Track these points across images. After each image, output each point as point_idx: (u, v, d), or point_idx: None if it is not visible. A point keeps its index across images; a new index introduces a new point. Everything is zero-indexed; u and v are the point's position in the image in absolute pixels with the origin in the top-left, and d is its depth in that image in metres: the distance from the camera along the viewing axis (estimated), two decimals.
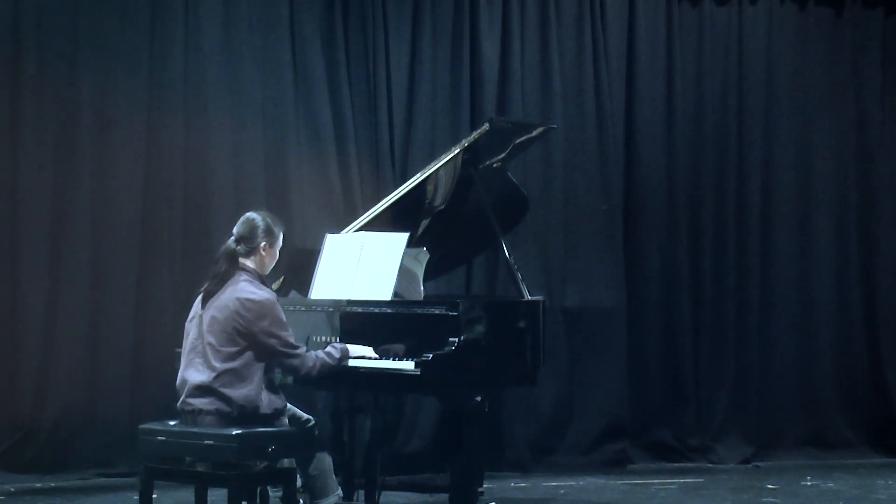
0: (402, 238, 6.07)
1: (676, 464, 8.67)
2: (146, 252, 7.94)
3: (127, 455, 7.51)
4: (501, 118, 7.99)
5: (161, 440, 5.50)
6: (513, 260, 6.35)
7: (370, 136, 8.29)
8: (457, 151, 6.42)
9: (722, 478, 8.21)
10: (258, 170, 8.12)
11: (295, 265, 6.44)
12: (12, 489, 7.40)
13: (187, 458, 5.52)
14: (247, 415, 5.41)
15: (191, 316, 5.66)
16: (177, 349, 5.82)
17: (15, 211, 7.76)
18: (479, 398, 5.88)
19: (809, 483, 8.02)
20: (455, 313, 5.80)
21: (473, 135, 6.42)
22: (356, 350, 5.79)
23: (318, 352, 5.66)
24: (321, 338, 6.02)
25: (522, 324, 6.13)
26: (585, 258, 8.64)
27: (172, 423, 5.57)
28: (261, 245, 5.62)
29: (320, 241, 6.33)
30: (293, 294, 6.41)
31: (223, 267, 5.59)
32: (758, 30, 9.07)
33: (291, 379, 5.78)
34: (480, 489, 6.82)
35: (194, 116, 8.01)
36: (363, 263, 6.10)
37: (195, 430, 5.41)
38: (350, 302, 6.07)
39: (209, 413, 5.43)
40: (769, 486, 7.88)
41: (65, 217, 7.82)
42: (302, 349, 5.59)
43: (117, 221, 7.89)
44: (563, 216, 8.62)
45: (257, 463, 5.43)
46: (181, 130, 7.99)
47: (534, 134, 6.92)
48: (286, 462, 5.57)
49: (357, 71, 8.30)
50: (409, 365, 5.69)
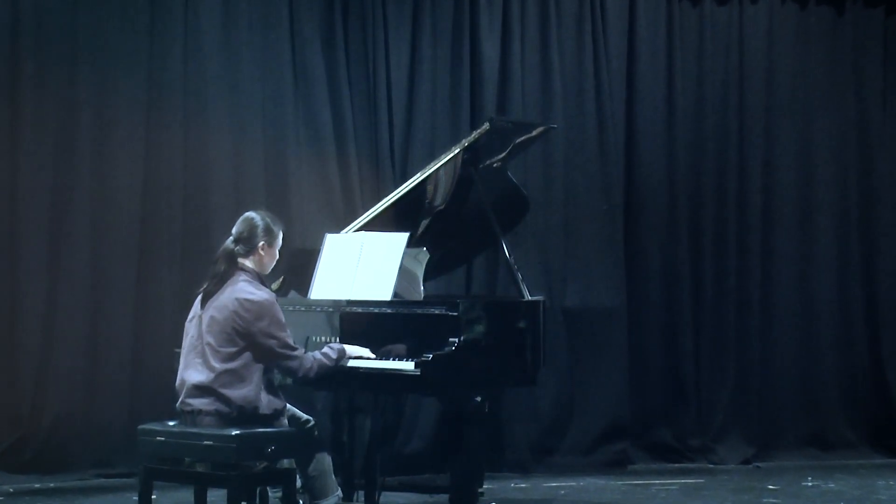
0: (402, 238, 6.06)
1: (677, 464, 8.65)
2: (145, 252, 7.93)
3: (126, 455, 7.49)
4: (501, 118, 7.97)
5: (160, 441, 5.49)
6: (513, 260, 6.35)
7: (370, 136, 8.28)
8: (457, 151, 6.42)
9: (723, 478, 8.20)
10: (258, 170, 8.11)
11: (294, 265, 6.43)
12: (11, 490, 7.39)
13: (186, 459, 5.52)
14: (246, 415, 5.41)
15: (190, 316, 5.65)
16: (176, 349, 5.81)
17: (14, 211, 7.74)
18: (480, 398, 5.88)
19: (810, 483, 8.00)
20: (455, 313, 5.79)
21: (473, 134, 6.41)
22: (353, 350, 5.78)
23: (316, 353, 5.64)
24: (321, 338, 6.01)
25: (522, 324, 6.12)
26: (586, 258, 8.63)
27: (172, 424, 5.57)
28: (259, 244, 5.61)
29: (320, 241, 6.32)
30: (293, 294, 6.40)
31: (222, 267, 5.58)
32: (758, 29, 9.06)
33: (290, 380, 5.76)
34: (480, 490, 6.81)
35: (194, 116, 8.00)
36: (363, 263, 6.09)
37: (194, 431, 5.41)
38: (350, 302, 6.06)
39: (208, 413, 5.42)
40: (770, 487, 7.86)
41: (64, 217, 7.81)
42: (300, 350, 5.58)
43: (117, 221, 7.88)
44: (564, 216, 8.61)
45: (257, 463, 5.42)
46: (181, 130, 7.98)
47: (534, 134, 6.92)
48: (286, 462, 5.57)
49: (357, 71, 8.29)
50: (409, 365, 5.68)
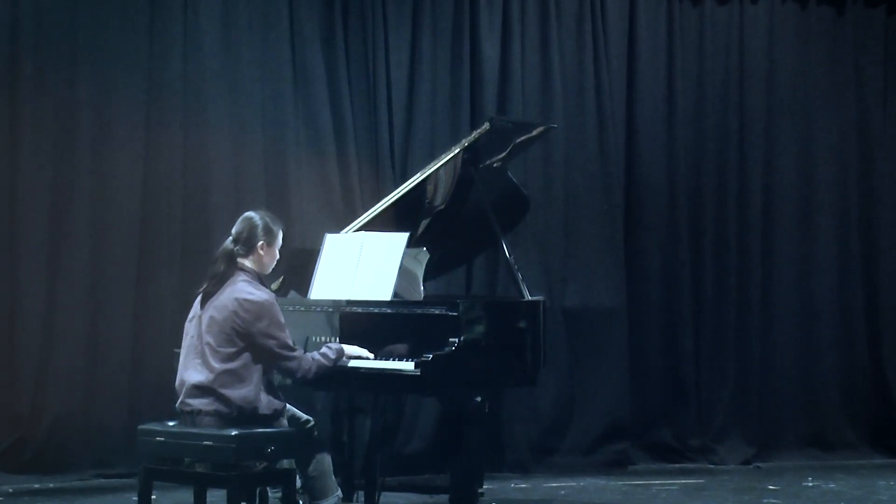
0: (402, 238, 6.05)
1: (677, 464, 8.64)
2: (145, 252, 7.92)
3: (126, 456, 7.49)
4: (502, 118, 7.96)
5: (160, 441, 5.48)
6: (513, 260, 6.33)
7: (370, 136, 8.27)
8: (457, 151, 6.40)
9: (723, 479, 8.19)
10: (258, 170, 8.10)
11: (294, 265, 6.42)
12: (11, 490, 7.38)
13: (186, 459, 5.51)
14: (245, 415, 5.40)
15: (190, 316, 5.64)
16: (175, 349, 5.80)
17: (14, 211, 7.74)
18: (480, 399, 5.87)
19: (811, 484, 8.00)
20: (455, 313, 5.78)
21: (473, 134, 6.39)
22: (352, 350, 5.77)
23: (315, 353, 5.63)
24: (320, 338, 5.99)
25: (523, 324, 6.11)
26: (586, 258, 8.62)
27: (171, 424, 5.56)
28: (259, 244, 5.60)
29: (320, 241, 6.31)
30: (292, 294, 6.38)
31: (221, 267, 5.57)
32: (759, 29, 9.05)
33: (290, 381, 5.75)
34: (480, 490, 6.80)
35: (193, 116, 7.99)
36: (363, 263, 6.08)
37: (194, 431, 5.40)
38: (350, 302, 6.05)
39: (208, 414, 5.41)
40: (770, 487, 7.86)
41: (64, 217, 7.80)
42: (299, 351, 5.57)
43: (116, 221, 7.87)
44: (564, 216, 8.60)
45: (256, 464, 5.41)
46: (180, 130, 7.97)
47: (534, 133, 6.90)
48: (285, 463, 5.56)
49: (357, 71, 8.28)
50: (409, 365, 5.67)
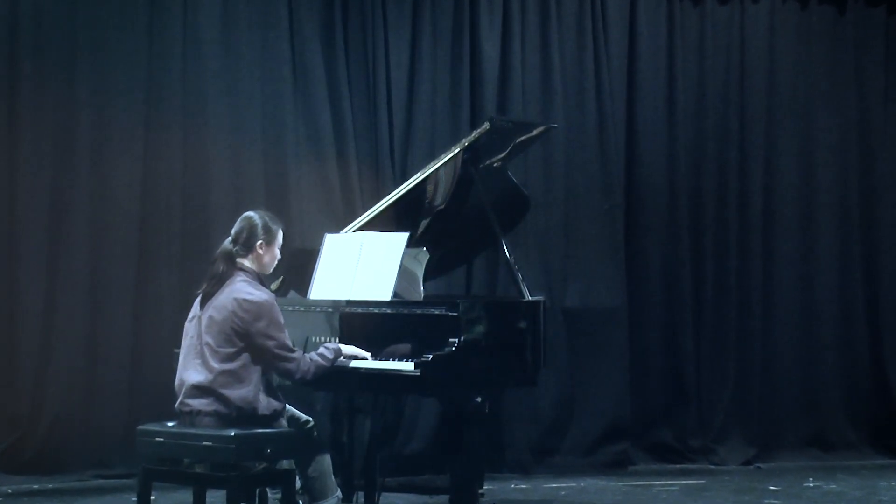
0: (402, 238, 6.04)
1: (678, 465, 8.62)
2: (144, 253, 7.90)
3: (125, 456, 7.49)
4: (502, 117, 7.95)
5: (159, 441, 5.47)
6: (513, 260, 6.32)
7: (370, 136, 8.25)
8: (457, 151, 6.40)
9: (724, 479, 8.18)
10: (257, 169, 8.09)
11: (294, 265, 6.41)
12: (10, 490, 7.36)
13: (185, 460, 5.50)
14: (245, 416, 5.38)
15: (190, 316, 5.63)
16: (175, 350, 5.79)
17: (13, 211, 7.72)
18: (480, 399, 5.86)
19: (812, 484, 7.98)
20: (455, 314, 5.77)
21: (474, 134, 6.39)
22: (349, 350, 5.76)
23: (312, 354, 5.61)
24: (320, 338, 5.98)
25: (523, 324, 6.10)
26: (586, 258, 8.61)
27: (171, 425, 5.54)
28: (258, 244, 5.58)
29: (319, 241, 6.30)
30: (292, 294, 6.38)
31: (221, 267, 5.56)
32: (759, 28, 9.03)
33: (289, 382, 5.73)
34: (481, 490, 6.80)
35: (193, 116, 7.98)
36: (363, 263, 6.07)
37: (193, 432, 5.39)
38: (349, 302, 6.04)
39: (207, 414, 5.40)
40: (771, 488, 7.84)
41: (63, 217, 7.78)
42: (298, 352, 5.55)
43: (116, 221, 7.86)
44: (564, 216, 8.59)
45: (256, 464, 5.40)
46: (180, 130, 7.95)
47: (534, 133, 6.89)
48: (285, 463, 5.54)
49: (356, 70, 8.27)
50: (409, 366, 5.66)
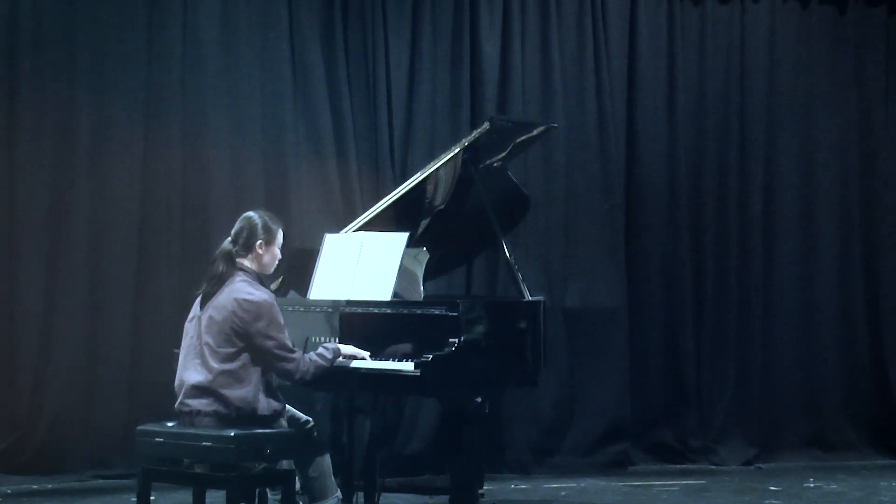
0: (402, 238, 6.03)
1: (678, 465, 8.61)
2: (144, 253, 7.90)
3: (124, 456, 7.49)
4: (502, 117, 7.94)
5: (159, 441, 5.46)
6: (513, 260, 6.32)
7: (370, 136, 8.24)
8: (457, 151, 6.39)
9: (724, 479, 8.17)
10: (257, 169, 8.08)
11: (294, 265, 6.40)
12: (9, 491, 7.36)
13: (185, 460, 5.49)
14: (244, 416, 5.37)
15: (190, 316, 5.62)
16: (175, 350, 5.78)
17: (13, 211, 7.72)
18: (480, 399, 5.85)
19: (812, 485, 7.97)
20: (455, 314, 5.76)
21: (474, 134, 6.38)
22: (347, 350, 5.75)
23: (311, 354, 5.60)
24: (320, 338, 5.98)
25: (523, 324, 6.09)
26: (586, 258, 8.60)
27: (170, 425, 5.53)
28: (258, 243, 5.57)
29: (319, 241, 6.29)
30: (292, 294, 6.37)
31: (220, 267, 5.55)
32: (760, 28, 9.02)
33: (288, 382, 5.72)
34: (480, 491, 6.80)
35: (193, 116, 7.97)
36: (363, 263, 6.06)
37: (193, 432, 5.38)
38: (349, 302, 6.03)
39: (207, 414, 5.39)
40: (771, 488, 7.83)
41: (62, 217, 7.78)
42: (298, 353, 5.54)
43: (115, 221, 7.86)
44: (564, 216, 8.58)
45: (256, 465, 5.39)
46: (179, 130, 7.95)
47: (534, 133, 6.89)
48: (285, 464, 5.53)
49: (356, 70, 8.26)
50: (409, 366, 5.66)
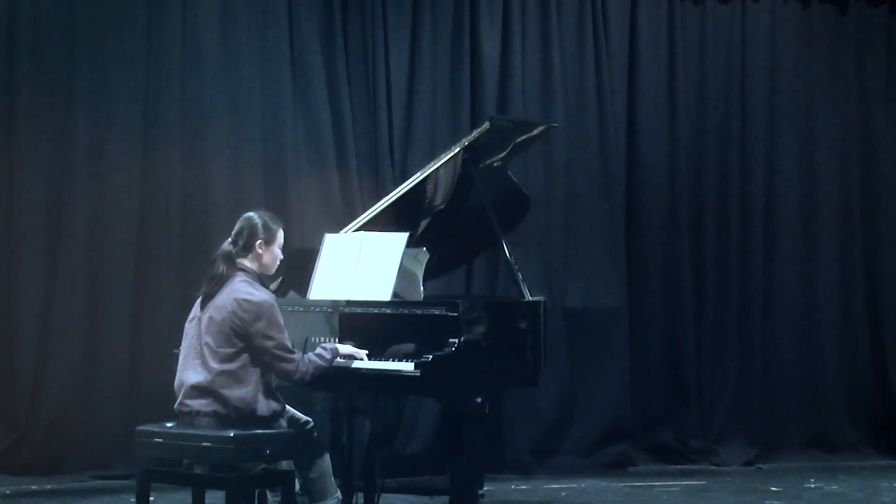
0: (402, 238, 6.02)
1: (678, 466, 8.61)
2: (143, 253, 7.89)
3: (123, 457, 7.48)
4: (502, 117, 7.94)
5: (158, 442, 5.45)
6: (513, 260, 6.31)
7: (370, 136, 8.23)
8: (457, 150, 6.38)
9: (725, 480, 8.16)
10: (256, 169, 8.06)
11: (293, 265, 6.39)
12: (7, 491, 7.35)
13: (184, 461, 5.48)
14: (243, 417, 5.36)
15: (190, 317, 5.62)
16: (175, 350, 5.77)
17: (11, 211, 7.71)
18: (480, 399, 5.84)
19: (813, 485, 7.96)
20: (455, 314, 5.75)
21: (474, 133, 6.37)
22: (345, 349, 5.74)
23: (310, 354, 5.59)
24: (320, 339, 5.97)
25: (523, 325, 6.08)
26: (587, 258, 8.59)
27: (170, 425, 5.52)
28: (257, 243, 5.56)
29: (319, 241, 6.28)
30: (291, 294, 6.36)
31: (220, 268, 5.54)
32: (760, 28, 9.00)
33: (287, 383, 5.71)
34: (481, 491, 6.80)
35: (192, 116, 7.96)
36: (362, 263, 6.04)
37: (192, 432, 5.37)
38: (349, 302, 6.02)
39: (206, 415, 5.38)
40: (772, 489, 7.83)
41: (61, 218, 7.77)
42: (297, 354, 5.52)
43: (114, 222, 7.85)
44: (565, 216, 8.57)
45: (255, 465, 5.37)
46: (179, 130, 7.94)
47: (535, 133, 6.87)
48: (284, 464, 5.52)
49: (356, 70, 8.25)
50: (409, 366, 5.65)
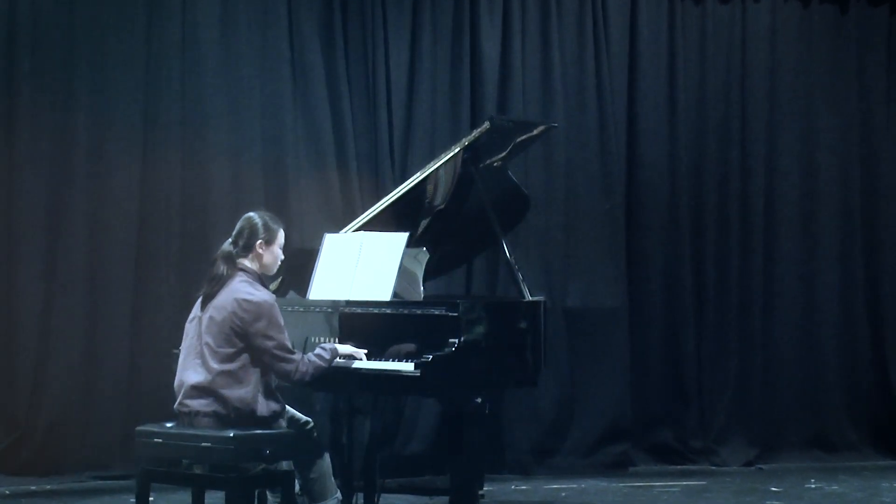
0: (402, 238, 6.01)
1: (679, 466, 8.60)
2: (143, 253, 7.88)
3: (123, 457, 7.49)
4: (502, 117, 7.93)
5: (158, 442, 5.44)
6: (513, 260, 6.30)
7: (369, 136, 8.23)
8: (457, 150, 6.37)
9: (725, 480, 8.16)
10: (256, 169, 8.06)
11: (293, 265, 6.38)
12: (7, 492, 7.35)
13: (184, 461, 5.47)
14: (243, 417, 5.36)
15: (191, 317, 5.61)
16: (175, 350, 5.76)
17: (11, 212, 7.71)
18: (480, 400, 5.84)
19: (813, 485, 7.96)
20: (455, 314, 5.74)
21: (474, 133, 6.37)
22: (344, 349, 5.73)
23: (310, 355, 5.58)
24: (319, 339, 5.96)
25: (523, 325, 6.08)
26: (587, 258, 8.58)
27: (169, 426, 5.51)
28: (258, 243, 5.56)
29: (319, 241, 6.27)
30: (291, 294, 6.36)
31: (221, 268, 5.54)
32: (761, 27, 9.00)
33: (287, 383, 5.70)
34: (481, 491, 6.79)
35: (192, 116, 7.96)
36: (362, 263, 6.04)
37: (192, 432, 5.36)
38: (349, 302, 6.01)
39: (206, 415, 5.38)
40: (773, 489, 7.82)
41: (61, 218, 7.77)
42: (297, 354, 5.51)
43: (114, 222, 7.84)
44: (565, 216, 8.56)
45: (255, 465, 5.37)
46: (179, 130, 7.93)
47: (535, 133, 6.87)
48: (284, 465, 5.52)
49: (356, 70, 8.24)
50: (409, 366, 5.64)
